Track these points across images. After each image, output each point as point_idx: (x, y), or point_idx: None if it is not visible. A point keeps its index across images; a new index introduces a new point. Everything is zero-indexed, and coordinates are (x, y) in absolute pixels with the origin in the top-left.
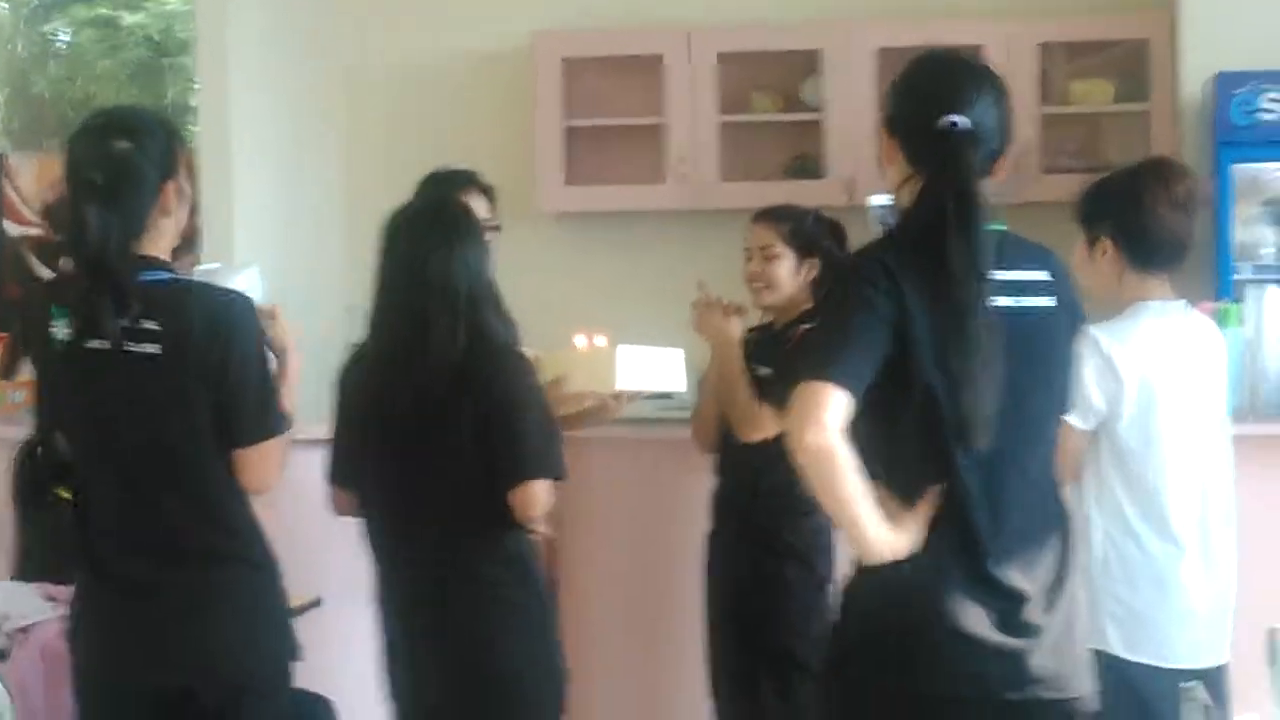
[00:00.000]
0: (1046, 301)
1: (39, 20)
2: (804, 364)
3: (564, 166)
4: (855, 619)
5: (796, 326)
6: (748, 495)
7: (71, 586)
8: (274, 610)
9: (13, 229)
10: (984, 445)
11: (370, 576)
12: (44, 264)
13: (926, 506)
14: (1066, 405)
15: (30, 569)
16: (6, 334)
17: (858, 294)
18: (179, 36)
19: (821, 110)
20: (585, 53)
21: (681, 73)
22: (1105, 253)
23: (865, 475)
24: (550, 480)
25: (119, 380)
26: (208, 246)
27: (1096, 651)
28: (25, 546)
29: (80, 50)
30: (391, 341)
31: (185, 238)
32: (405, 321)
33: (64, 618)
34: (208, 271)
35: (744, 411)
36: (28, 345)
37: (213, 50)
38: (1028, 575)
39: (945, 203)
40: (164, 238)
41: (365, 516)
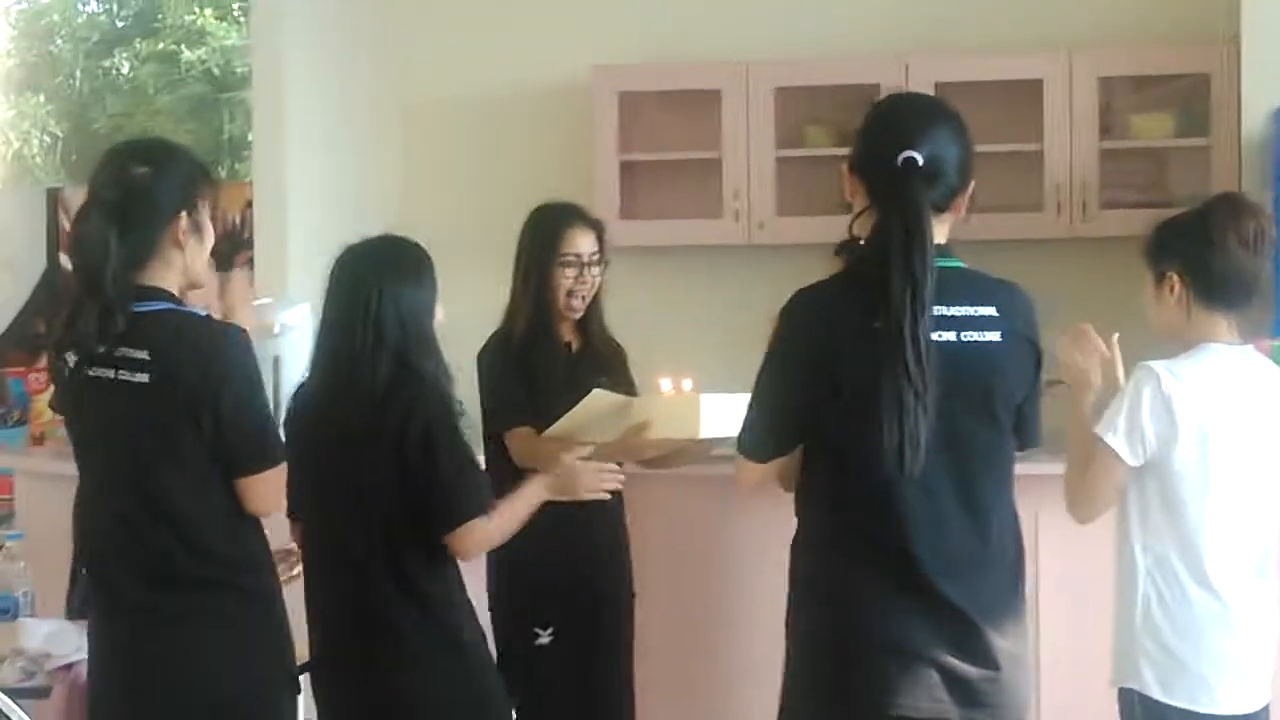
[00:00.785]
0: (991, 336)
1: (100, 55)
2: (740, 429)
3: (620, 200)
4: (805, 640)
5: None
6: None
7: None
8: (262, 639)
9: (68, 262)
10: (916, 471)
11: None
12: None
13: None
14: (1026, 436)
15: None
16: None
17: (780, 345)
18: (238, 71)
19: None
20: (643, 87)
21: (738, 107)
22: (1173, 290)
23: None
24: (474, 520)
25: (111, 407)
26: (261, 280)
27: (1131, 691)
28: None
29: (140, 85)
30: (324, 377)
31: (193, 281)
32: (337, 357)
33: None
34: (261, 306)
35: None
36: (52, 374)
37: (270, 85)
38: (972, 599)
39: (892, 235)
40: (171, 270)
41: (305, 549)
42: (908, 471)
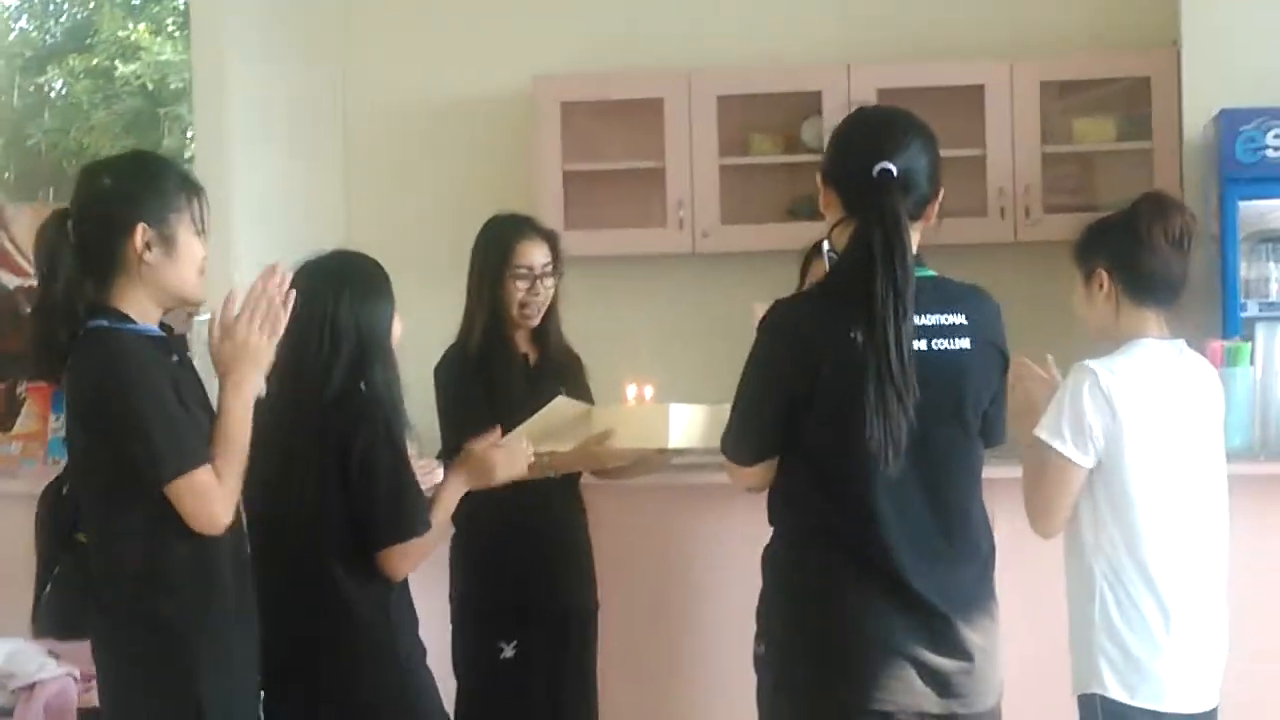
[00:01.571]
0: (961, 343)
1: (33, 71)
2: (724, 433)
3: (563, 210)
4: (785, 641)
5: None
6: None
7: (79, 642)
8: (160, 674)
9: (9, 280)
10: (894, 471)
11: None
12: None
13: None
14: (992, 436)
15: (47, 624)
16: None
17: (760, 353)
18: (173, 86)
19: (822, 152)
20: (584, 96)
21: (681, 115)
22: (1101, 286)
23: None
24: (407, 544)
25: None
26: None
27: (1092, 696)
28: (48, 600)
29: (75, 100)
30: (279, 385)
31: (176, 296)
32: (292, 366)
33: (69, 675)
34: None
35: None
36: None
37: (211, 97)
38: (945, 595)
39: (873, 244)
40: (139, 285)
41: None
42: (886, 475)
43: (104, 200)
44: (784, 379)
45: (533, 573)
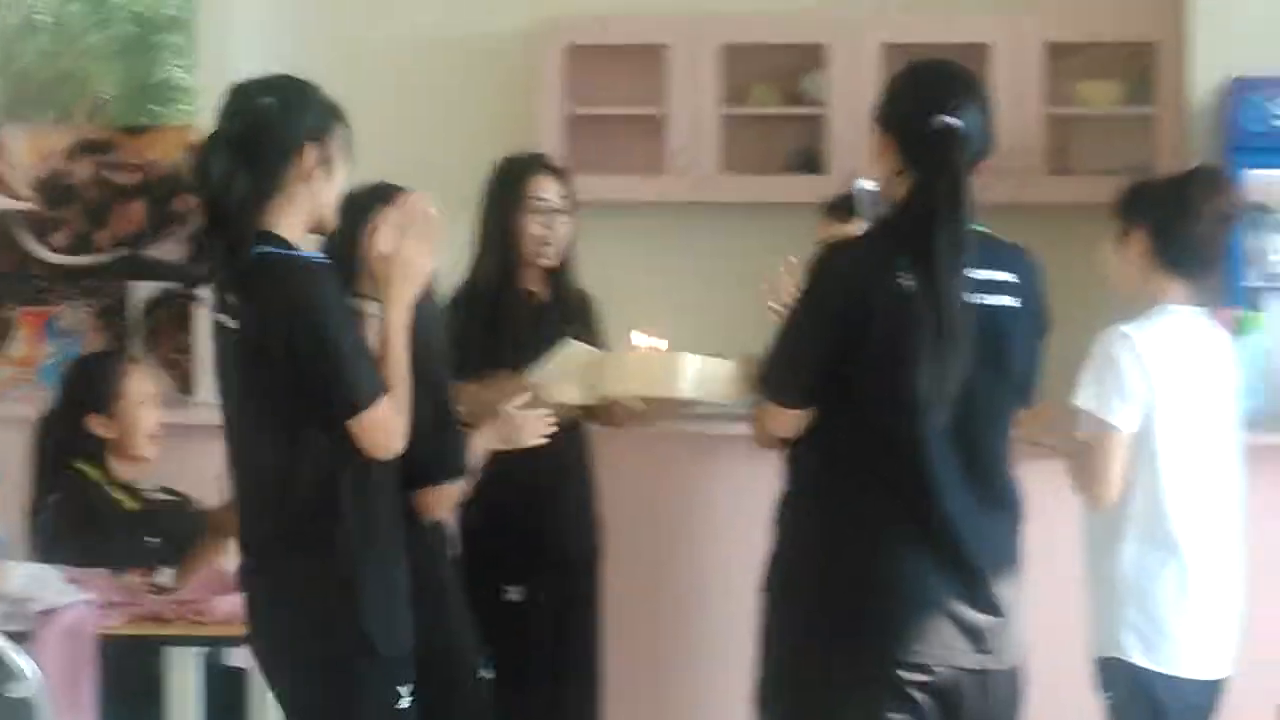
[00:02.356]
0: (1011, 301)
1: None
2: (763, 375)
3: (564, 155)
4: (812, 593)
5: None
6: None
7: (93, 569)
8: (328, 601)
9: (5, 203)
10: (940, 423)
11: None
12: (37, 239)
13: None
14: (1027, 398)
15: (43, 550)
16: None
17: (809, 296)
18: (166, 13)
19: (824, 104)
20: (589, 40)
21: (684, 62)
22: (1138, 246)
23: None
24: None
25: (222, 353)
26: None
27: (1113, 659)
28: (45, 527)
29: (67, 24)
30: None
31: (320, 220)
32: None
33: (89, 602)
34: None
35: None
36: None
37: (215, 28)
38: (980, 549)
39: (937, 199)
40: (295, 208)
41: None
42: (934, 424)
43: (270, 120)
44: (835, 320)
45: (536, 520)
